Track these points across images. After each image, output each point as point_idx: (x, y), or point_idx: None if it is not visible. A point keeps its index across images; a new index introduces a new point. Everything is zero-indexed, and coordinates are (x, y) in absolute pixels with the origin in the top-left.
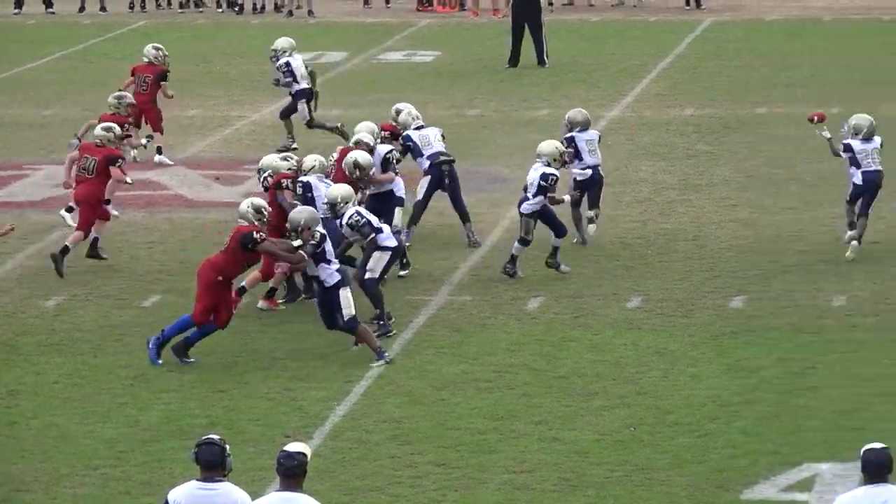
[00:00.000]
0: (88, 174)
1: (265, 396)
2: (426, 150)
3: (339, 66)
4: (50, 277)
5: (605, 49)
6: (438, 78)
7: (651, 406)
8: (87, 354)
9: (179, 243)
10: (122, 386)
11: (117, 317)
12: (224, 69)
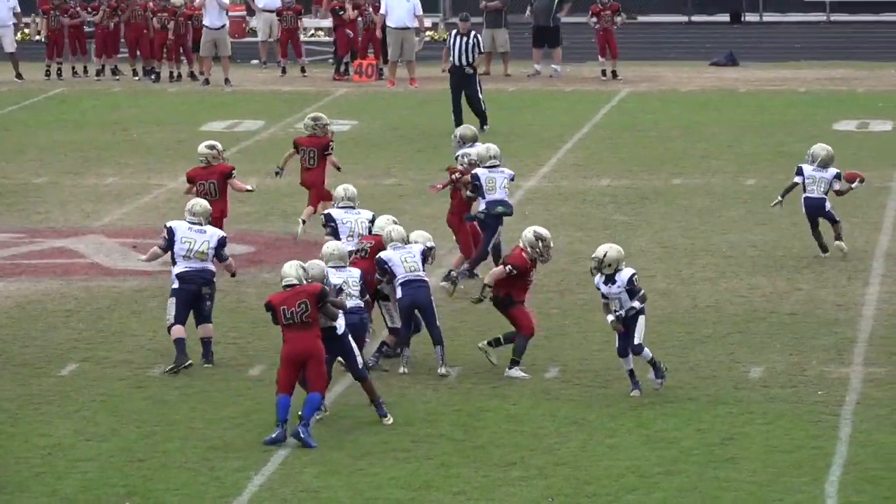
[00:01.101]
0: (212, 196)
1: (183, 466)
2: (488, 195)
3: (257, 134)
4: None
5: (523, 119)
6: (356, 147)
7: (570, 476)
8: (4, 423)
9: (96, 311)
10: (40, 455)
11: (35, 385)
12: (141, 137)
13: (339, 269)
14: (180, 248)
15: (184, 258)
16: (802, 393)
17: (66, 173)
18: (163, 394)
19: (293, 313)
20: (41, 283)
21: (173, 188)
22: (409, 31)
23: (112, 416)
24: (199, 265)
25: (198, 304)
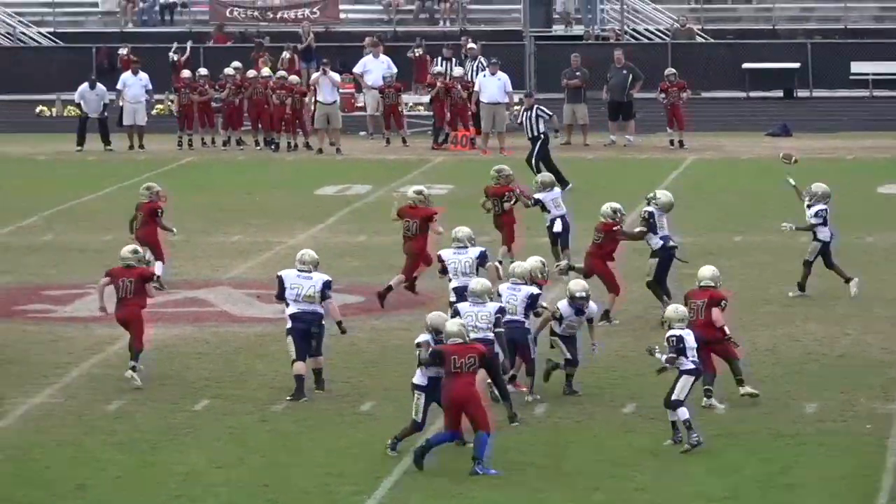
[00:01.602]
0: (412, 234)
1: (304, 490)
2: (660, 232)
3: (365, 197)
4: (111, 383)
5: (600, 183)
6: (451, 208)
7: (646, 501)
8: (145, 453)
9: (225, 354)
10: (177, 481)
11: (172, 419)
12: (263, 200)
13: (475, 304)
14: (290, 292)
15: (294, 301)
16: (852, 427)
17: (197, 232)
18: (285, 427)
19: (462, 364)
20: (176, 328)
21: (292, 244)
22: (500, 106)
23: (240, 446)
24: (308, 307)
25: (309, 340)
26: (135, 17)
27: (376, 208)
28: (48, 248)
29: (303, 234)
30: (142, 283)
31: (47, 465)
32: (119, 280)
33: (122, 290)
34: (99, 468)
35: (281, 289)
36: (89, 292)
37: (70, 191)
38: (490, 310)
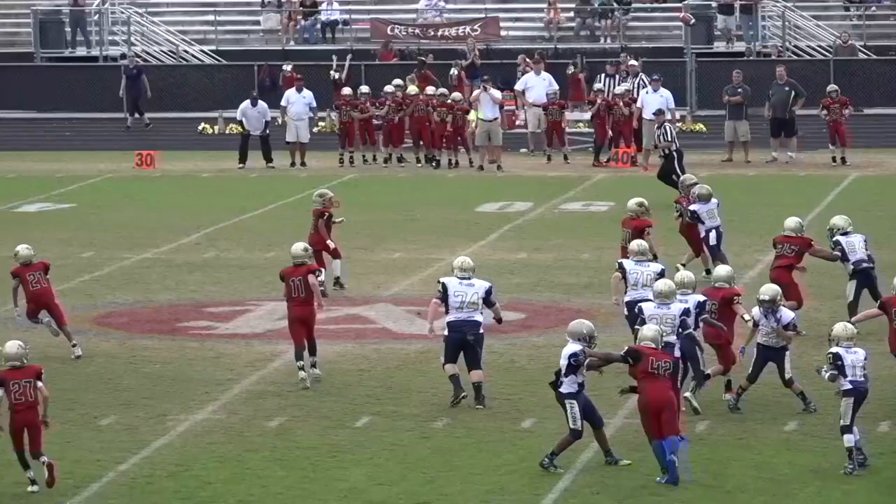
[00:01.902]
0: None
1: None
2: (851, 256)
3: (525, 214)
4: (272, 399)
5: (762, 200)
6: (613, 225)
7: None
8: (306, 469)
9: (386, 371)
10: (337, 497)
11: (333, 435)
12: (424, 217)
13: (661, 306)
14: (454, 300)
15: (456, 309)
16: None
17: (358, 249)
18: (445, 443)
19: (659, 366)
20: (338, 345)
21: (452, 262)
22: None
23: (400, 463)
24: (465, 315)
25: (466, 350)
26: (296, 35)
27: (537, 225)
28: (210, 266)
29: (463, 250)
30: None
31: (209, 481)
32: (290, 279)
33: (295, 289)
34: (260, 484)
35: (444, 294)
36: (250, 309)
37: (232, 208)
38: (675, 312)
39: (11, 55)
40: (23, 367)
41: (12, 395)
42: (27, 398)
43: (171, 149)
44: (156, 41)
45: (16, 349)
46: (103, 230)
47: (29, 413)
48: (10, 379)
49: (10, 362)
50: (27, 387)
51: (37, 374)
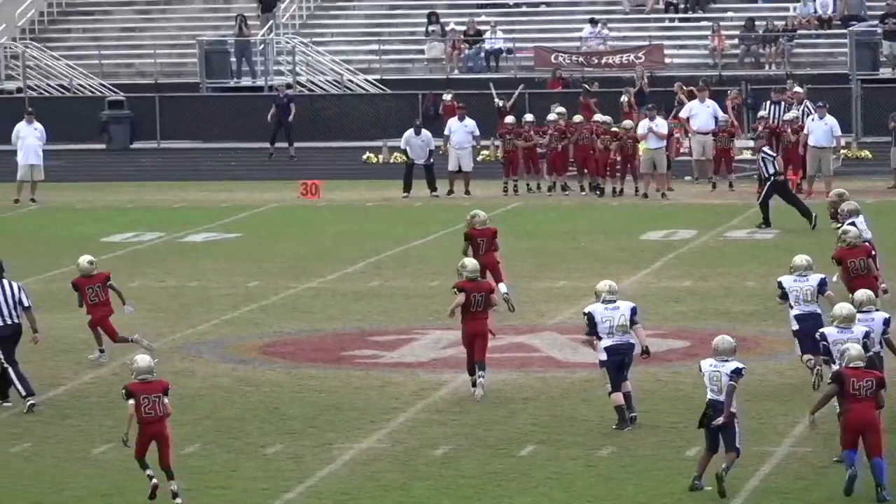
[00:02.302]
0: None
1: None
2: None
3: (690, 242)
4: (437, 428)
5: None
6: (778, 252)
7: None
8: (471, 498)
9: (551, 399)
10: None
11: (497, 464)
12: (588, 245)
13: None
14: (602, 326)
15: (608, 335)
16: None
17: (523, 277)
18: (610, 472)
19: (860, 387)
20: (502, 373)
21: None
22: (827, 150)
23: (565, 491)
24: (621, 338)
25: (624, 370)
26: (460, 64)
27: (702, 253)
28: (375, 294)
29: (628, 279)
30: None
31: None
32: (472, 294)
33: (475, 304)
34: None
35: (592, 325)
36: (416, 338)
37: (397, 237)
38: (858, 335)
39: (177, 85)
40: (152, 381)
41: (142, 409)
42: (156, 412)
43: (335, 178)
44: (320, 71)
45: (146, 363)
46: (269, 259)
47: (158, 426)
48: (140, 392)
49: (140, 376)
50: (156, 401)
51: (164, 389)
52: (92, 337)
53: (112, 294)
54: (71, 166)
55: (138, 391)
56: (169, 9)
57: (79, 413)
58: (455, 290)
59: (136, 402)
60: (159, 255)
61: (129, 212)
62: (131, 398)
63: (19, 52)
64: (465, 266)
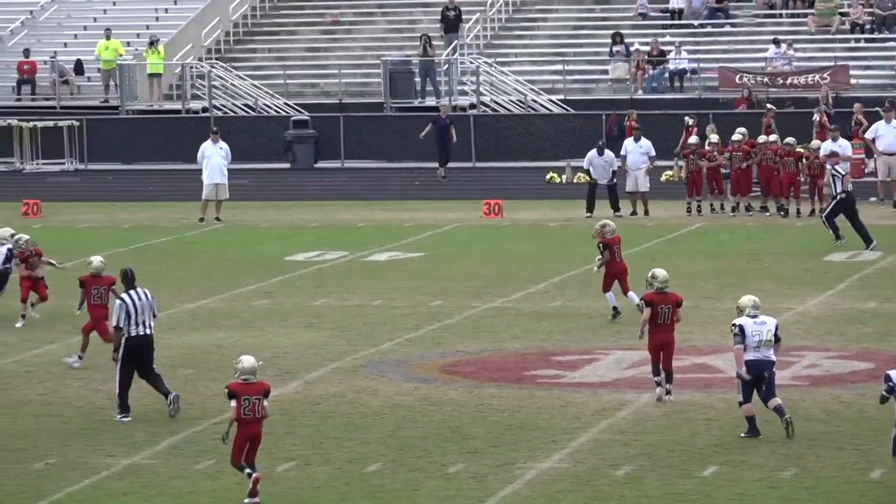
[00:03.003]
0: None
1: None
2: None
3: (875, 263)
4: (620, 449)
5: None
6: None
7: None
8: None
9: (734, 420)
10: None
11: (680, 485)
12: (771, 265)
13: None
14: (751, 340)
15: (753, 349)
16: None
17: (706, 297)
18: (793, 493)
19: None
20: (685, 394)
21: (800, 310)
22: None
23: None
24: (762, 355)
25: (760, 385)
26: (644, 85)
27: (888, 274)
28: (558, 314)
29: (812, 299)
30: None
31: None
32: (657, 308)
33: (661, 316)
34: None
35: (742, 336)
36: (598, 358)
37: (580, 256)
38: None
39: (362, 105)
40: (254, 382)
41: (242, 409)
42: (254, 413)
43: (518, 198)
44: (504, 91)
45: (251, 364)
46: (452, 279)
47: (255, 427)
48: (242, 393)
49: (243, 376)
50: (256, 403)
51: (265, 391)
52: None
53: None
54: (255, 185)
55: (240, 392)
56: (354, 29)
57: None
58: (642, 304)
59: (238, 402)
60: (343, 274)
61: (312, 231)
62: (233, 398)
63: (205, 71)
64: (656, 276)
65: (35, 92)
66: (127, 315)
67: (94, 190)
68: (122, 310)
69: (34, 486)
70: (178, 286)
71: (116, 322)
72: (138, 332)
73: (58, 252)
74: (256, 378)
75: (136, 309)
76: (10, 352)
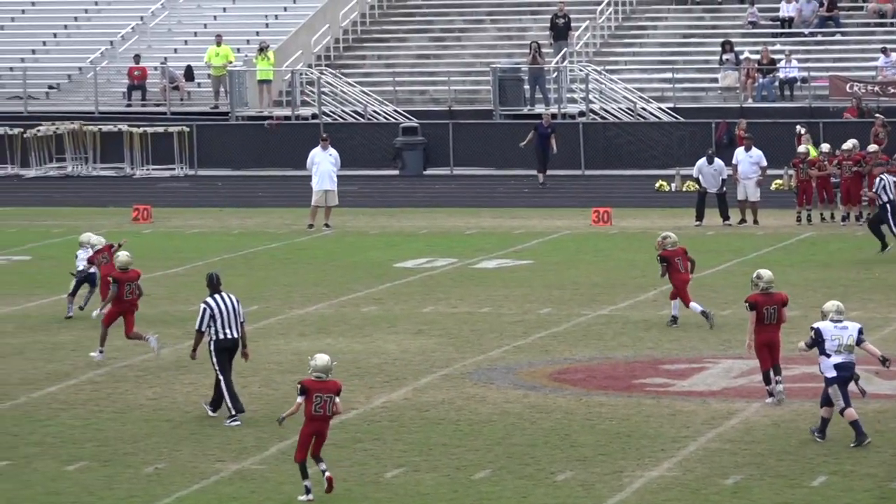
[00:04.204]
0: None
1: None
2: None
3: None
4: (728, 458)
5: None
6: None
7: None
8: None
9: (843, 430)
10: None
11: (788, 494)
12: (882, 275)
13: None
14: (830, 344)
15: (836, 352)
16: None
17: (816, 307)
18: None
19: None
20: (794, 403)
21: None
22: None
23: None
24: (847, 357)
25: (843, 388)
26: (754, 93)
27: None
28: (666, 323)
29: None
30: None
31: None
32: (763, 308)
33: (767, 317)
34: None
35: (818, 341)
36: (707, 366)
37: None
38: None
39: (471, 112)
40: (326, 380)
41: (313, 405)
42: (324, 411)
43: (626, 206)
44: (613, 99)
45: (325, 362)
46: (561, 286)
47: (323, 423)
48: (314, 390)
49: (316, 373)
50: (327, 400)
51: (337, 389)
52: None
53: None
54: (364, 192)
55: (312, 388)
56: (464, 36)
57: (370, 437)
58: (748, 305)
59: (309, 398)
60: (452, 281)
61: (421, 237)
62: (304, 394)
63: (315, 78)
64: (761, 277)
65: (145, 98)
66: (212, 319)
67: (204, 195)
68: (205, 313)
69: (144, 491)
70: (287, 292)
71: (199, 325)
72: (227, 335)
73: (167, 258)
74: (329, 377)
75: (221, 313)
76: (120, 356)
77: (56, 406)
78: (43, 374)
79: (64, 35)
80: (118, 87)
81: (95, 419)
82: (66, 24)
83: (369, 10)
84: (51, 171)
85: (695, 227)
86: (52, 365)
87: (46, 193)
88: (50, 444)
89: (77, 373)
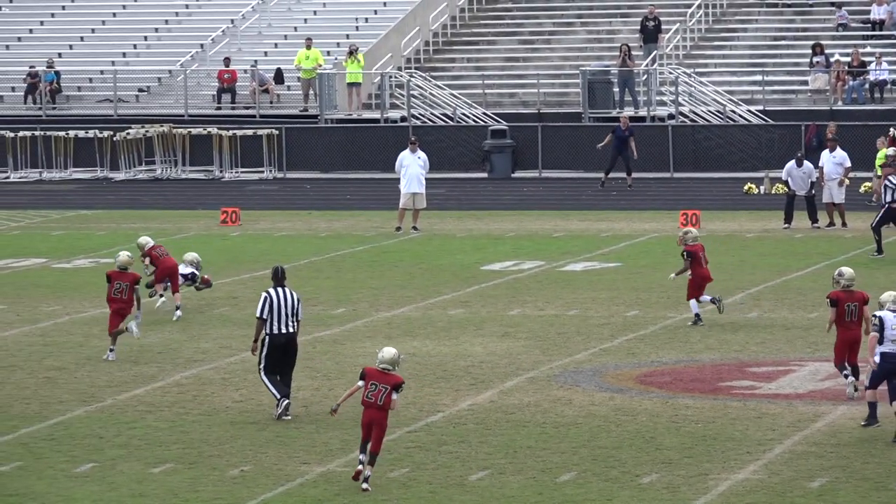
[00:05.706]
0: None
1: None
2: None
3: None
4: (814, 461)
5: None
6: None
7: None
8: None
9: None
10: None
11: (875, 497)
12: None
13: None
14: (890, 332)
15: (891, 342)
16: None
17: None
18: None
19: None
20: (879, 407)
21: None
22: None
23: None
24: (892, 348)
25: (890, 380)
26: (844, 96)
27: None
28: (754, 325)
29: None
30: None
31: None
32: (844, 305)
33: (848, 314)
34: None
35: (881, 327)
36: (793, 369)
37: (777, 268)
38: None
39: (560, 115)
40: (388, 373)
41: (366, 392)
42: (375, 400)
43: (715, 209)
44: (703, 101)
45: (391, 355)
46: (648, 289)
47: (375, 413)
48: (371, 379)
49: (381, 364)
50: (382, 391)
51: (395, 384)
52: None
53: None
54: (452, 195)
55: (370, 376)
56: (553, 39)
57: (456, 439)
58: (829, 301)
59: (366, 384)
60: (539, 284)
61: (509, 240)
62: (362, 379)
63: (404, 81)
64: (843, 274)
65: (235, 101)
66: (270, 309)
67: (293, 198)
68: (265, 302)
69: (229, 493)
70: (374, 294)
71: (260, 313)
72: (280, 329)
73: (255, 260)
74: (395, 370)
75: (278, 306)
76: (207, 359)
77: (142, 408)
78: (129, 377)
79: (154, 38)
80: (208, 91)
81: (181, 421)
82: (157, 27)
83: (459, 13)
84: (140, 174)
85: (783, 230)
86: (138, 367)
87: (135, 196)
88: (135, 446)
89: (163, 375)
